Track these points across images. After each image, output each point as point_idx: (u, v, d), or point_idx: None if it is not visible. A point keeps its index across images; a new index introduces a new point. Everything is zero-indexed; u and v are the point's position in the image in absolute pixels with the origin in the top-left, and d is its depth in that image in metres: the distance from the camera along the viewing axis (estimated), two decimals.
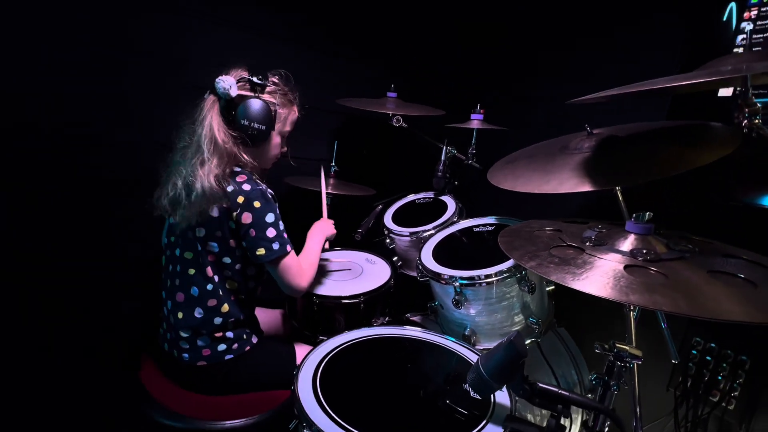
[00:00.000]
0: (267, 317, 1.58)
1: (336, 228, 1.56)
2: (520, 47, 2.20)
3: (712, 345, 1.44)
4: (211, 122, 1.16)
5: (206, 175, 1.12)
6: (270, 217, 1.19)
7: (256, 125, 1.20)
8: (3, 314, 1.59)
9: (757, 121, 0.79)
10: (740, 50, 1.34)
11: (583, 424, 1.05)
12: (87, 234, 1.68)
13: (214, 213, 1.16)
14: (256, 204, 1.17)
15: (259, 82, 1.22)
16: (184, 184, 1.15)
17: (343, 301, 1.41)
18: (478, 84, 2.26)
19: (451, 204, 1.69)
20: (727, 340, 1.41)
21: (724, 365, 1.41)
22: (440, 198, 1.77)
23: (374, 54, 2.18)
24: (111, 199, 1.69)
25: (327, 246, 1.51)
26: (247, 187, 1.17)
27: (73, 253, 1.67)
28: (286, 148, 1.37)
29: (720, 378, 1.42)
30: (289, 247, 1.22)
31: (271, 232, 1.19)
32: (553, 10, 2.03)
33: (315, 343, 1.15)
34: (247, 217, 1.17)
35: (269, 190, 1.22)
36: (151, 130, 1.66)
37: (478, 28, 2.30)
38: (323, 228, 1.49)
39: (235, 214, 1.16)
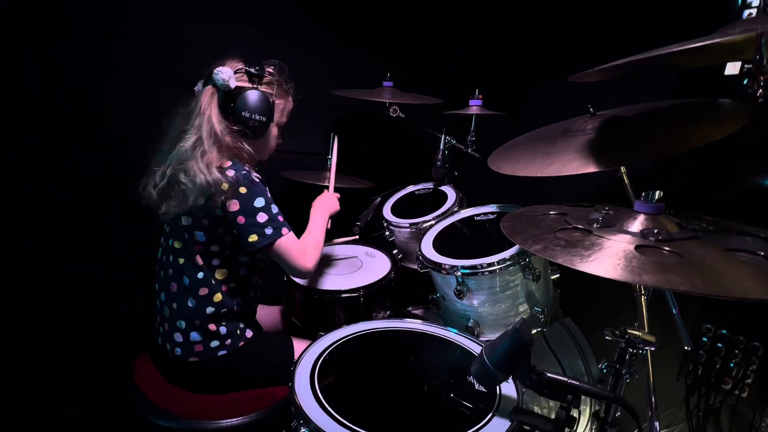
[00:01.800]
0: (265, 314, 1.54)
1: (334, 223, 1.48)
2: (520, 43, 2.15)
3: (723, 331, 1.39)
4: (211, 115, 1.13)
5: (207, 168, 1.09)
6: (259, 202, 1.15)
7: (256, 117, 1.17)
8: (3, 314, 1.57)
9: None
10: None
11: (594, 414, 1.01)
12: (87, 234, 1.66)
13: (200, 201, 1.12)
14: (242, 190, 1.13)
15: (256, 72, 1.19)
16: (178, 175, 1.11)
17: (343, 296, 1.37)
18: (476, 71, 2.20)
19: (451, 194, 1.65)
20: (739, 326, 1.36)
21: (736, 352, 1.37)
22: (440, 188, 1.72)
23: (370, 45, 2.13)
24: (111, 199, 1.66)
25: (329, 226, 1.41)
26: (231, 173, 1.12)
27: (73, 253, 1.65)
28: (281, 140, 1.33)
29: (732, 365, 1.37)
30: (285, 230, 1.18)
31: (261, 217, 1.15)
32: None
33: (314, 339, 1.11)
34: (233, 205, 1.13)
35: (256, 174, 1.18)
36: (153, 128, 1.64)
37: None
38: (326, 203, 1.41)
39: (220, 200, 1.12)
